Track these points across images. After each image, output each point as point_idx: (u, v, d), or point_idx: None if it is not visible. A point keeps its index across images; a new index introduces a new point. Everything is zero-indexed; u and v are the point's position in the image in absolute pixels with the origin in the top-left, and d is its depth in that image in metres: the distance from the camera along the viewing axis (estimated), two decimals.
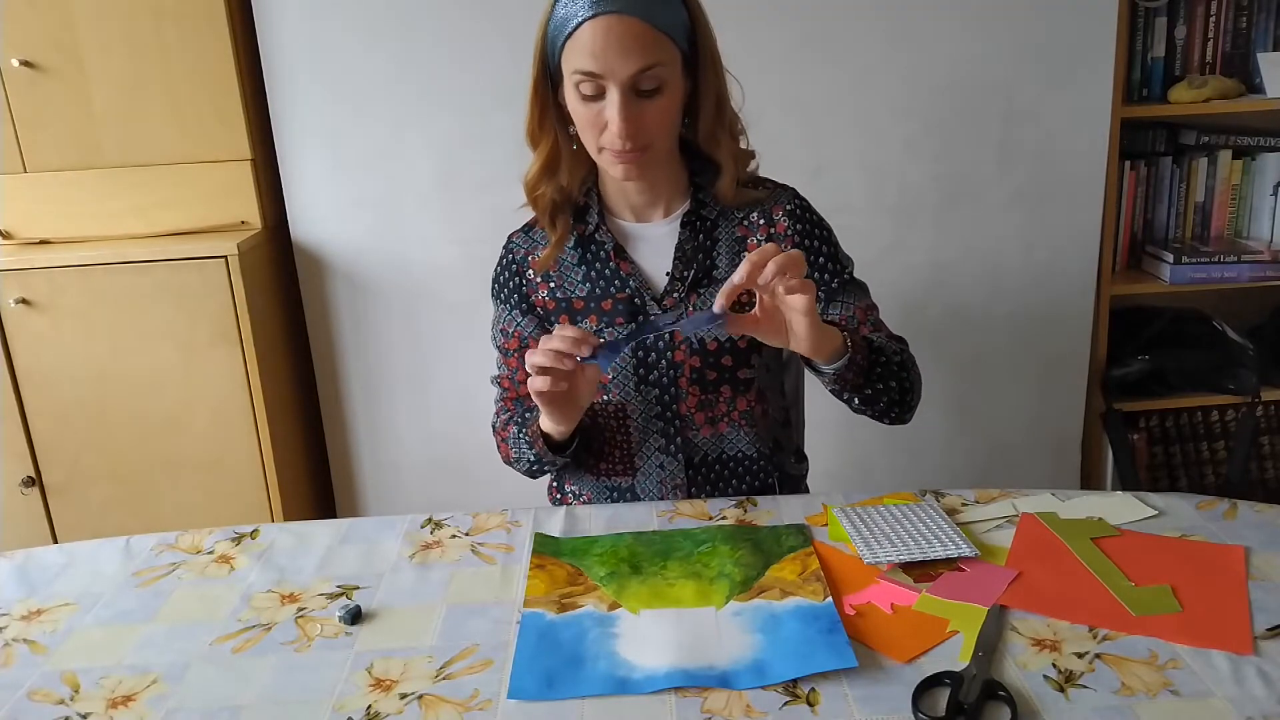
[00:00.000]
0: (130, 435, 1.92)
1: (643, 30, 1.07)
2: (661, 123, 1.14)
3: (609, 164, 1.16)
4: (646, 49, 1.08)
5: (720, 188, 1.23)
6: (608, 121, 1.10)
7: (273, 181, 1.97)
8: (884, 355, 1.17)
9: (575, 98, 1.12)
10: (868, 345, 1.16)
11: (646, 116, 1.11)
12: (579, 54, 1.08)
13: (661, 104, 1.12)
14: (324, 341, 2.05)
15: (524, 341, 1.30)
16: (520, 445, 1.26)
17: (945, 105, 1.94)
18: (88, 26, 1.82)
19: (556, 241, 1.25)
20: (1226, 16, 2.07)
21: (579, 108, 1.13)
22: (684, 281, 1.23)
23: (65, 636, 0.98)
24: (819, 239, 1.26)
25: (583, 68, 1.08)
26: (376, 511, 2.15)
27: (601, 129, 1.12)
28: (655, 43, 1.08)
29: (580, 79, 1.09)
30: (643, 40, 1.07)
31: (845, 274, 1.28)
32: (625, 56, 1.07)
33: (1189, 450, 2.21)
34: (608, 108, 1.10)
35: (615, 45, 1.07)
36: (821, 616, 0.92)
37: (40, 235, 1.94)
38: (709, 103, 1.18)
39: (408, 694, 0.86)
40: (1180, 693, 0.81)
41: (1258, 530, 1.06)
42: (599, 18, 1.06)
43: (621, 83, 1.08)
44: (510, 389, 1.34)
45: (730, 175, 1.22)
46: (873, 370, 1.16)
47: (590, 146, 1.16)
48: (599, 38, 1.07)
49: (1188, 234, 2.19)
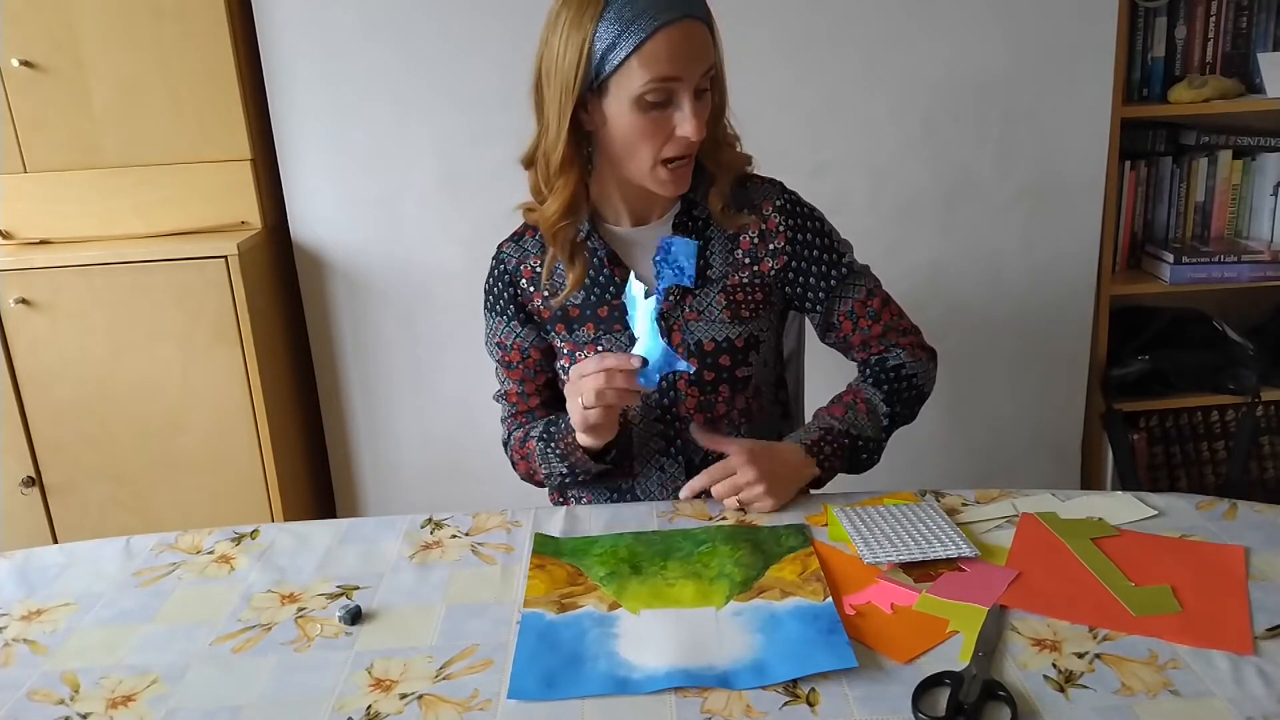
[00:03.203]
0: (130, 435, 1.92)
1: (703, 29, 1.11)
2: (710, 123, 1.17)
3: (662, 181, 1.16)
4: (709, 48, 1.12)
5: (710, 202, 1.23)
6: (676, 126, 1.11)
7: (273, 181, 1.97)
8: (857, 431, 1.23)
9: (631, 111, 1.10)
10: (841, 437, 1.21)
11: (705, 116, 1.14)
12: (654, 62, 1.08)
13: (710, 103, 1.15)
14: (324, 341, 2.05)
15: (525, 353, 1.30)
16: (550, 460, 1.25)
17: (945, 105, 1.94)
18: (88, 26, 1.82)
19: (576, 280, 1.23)
20: (1226, 16, 2.07)
21: (636, 120, 1.11)
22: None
23: (65, 636, 0.98)
24: (812, 231, 1.25)
25: (661, 74, 1.08)
26: (376, 512, 2.15)
27: (666, 138, 1.12)
28: (711, 41, 1.13)
29: (651, 89, 1.09)
30: (706, 39, 1.12)
31: (844, 264, 1.26)
32: (699, 59, 1.10)
33: (1189, 450, 2.21)
34: (677, 111, 1.11)
35: (692, 48, 1.09)
36: (821, 616, 0.92)
37: (40, 235, 1.94)
38: (717, 110, 1.19)
39: (408, 694, 0.86)
40: (1180, 693, 0.81)
41: (1258, 530, 1.06)
42: (676, 24, 1.07)
43: (694, 85, 1.11)
44: (519, 402, 1.33)
45: (720, 188, 1.22)
46: (855, 443, 1.22)
47: (644, 160, 1.14)
48: (677, 43, 1.08)
49: (1188, 234, 2.19)
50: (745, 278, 1.24)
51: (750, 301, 1.24)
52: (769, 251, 1.24)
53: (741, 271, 1.24)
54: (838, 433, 1.20)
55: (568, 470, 1.24)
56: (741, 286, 1.24)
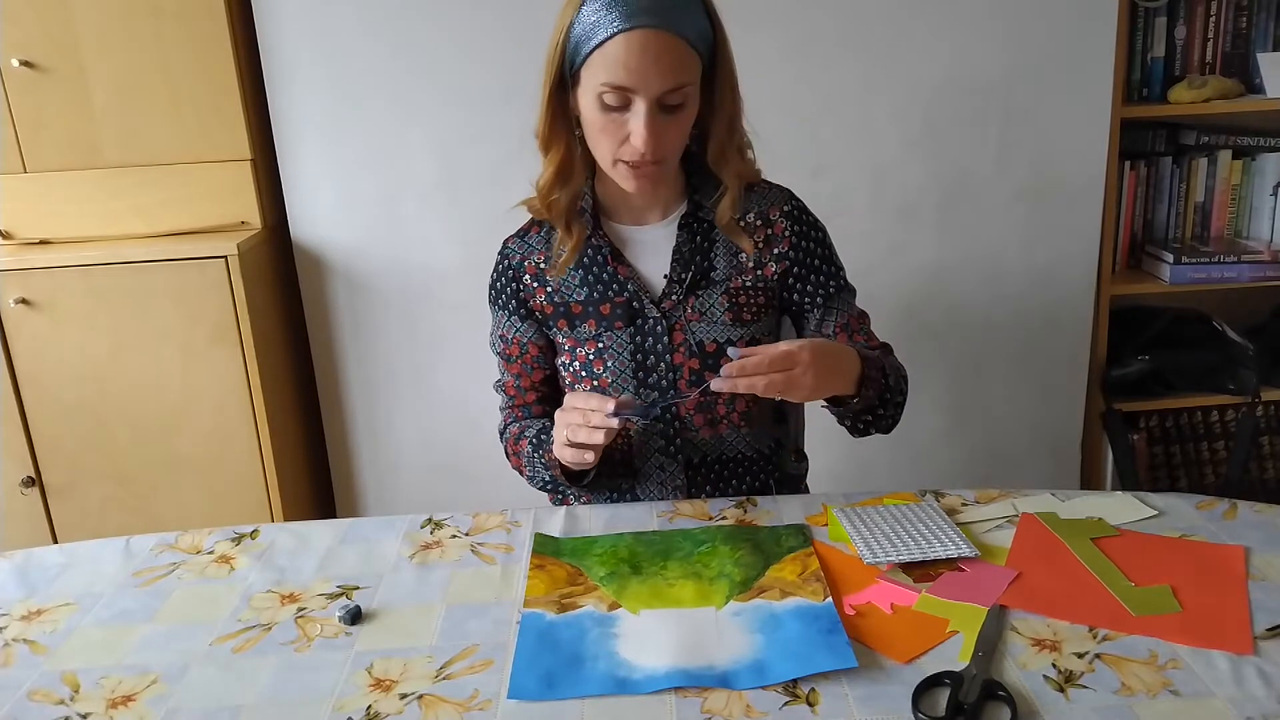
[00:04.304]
0: (130, 435, 1.92)
1: (676, 45, 1.06)
2: (679, 138, 1.15)
3: (622, 177, 1.15)
4: (678, 66, 1.07)
5: (720, 210, 1.22)
6: (630, 135, 1.09)
7: (273, 181, 1.97)
8: (887, 372, 1.19)
9: (594, 106, 1.10)
10: (879, 366, 1.16)
11: (668, 132, 1.11)
12: (610, 66, 1.06)
13: (682, 120, 1.12)
14: (324, 341, 2.05)
15: (524, 348, 1.30)
16: (536, 465, 1.26)
17: (945, 105, 1.94)
18: (88, 26, 1.82)
19: (574, 247, 1.23)
20: (1226, 16, 2.07)
21: (597, 116, 1.11)
22: (682, 284, 1.23)
23: (65, 636, 0.98)
24: (815, 241, 1.26)
25: (614, 81, 1.06)
26: (376, 511, 2.15)
27: (621, 141, 1.11)
28: (685, 59, 1.08)
29: (606, 90, 1.07)
30: (675, 56, 1.06)
31: (841, 278, 1.28)
32: (659, 73, 1.06)
33: (1189, 450, 2.21)
34: (632, 120, 1.08)
35: (650, 60, 1.05)
36: (821, 617, 0.92)
37: (40, 235, 1.94)
38: (722, 123, 1.17)
39: (408, 694, 0.86)
40: (1180, 693, 0.81)
41: (1258, 530, 1.06)
42: (635, 31, 1.04)
43: (651, 98, 1.07)
44: (516, 395, 1.34)
45: (732, 197, 1.21)
46: (884, 393, 1.18)
47: (604, 156, 1.15)
48: (635, 52, 1.05)
49: (1188, 234, 2.19)
50: (749, 281, 1.24)
51: (752, 304, 1.24)
52: (773, 256, 1.25)
53: (745, 275, 1.24)
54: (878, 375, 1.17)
55: (551, 479, 1.25)
56: (744, 289, 1.24)
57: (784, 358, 1.03)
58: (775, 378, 1.02)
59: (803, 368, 1.03)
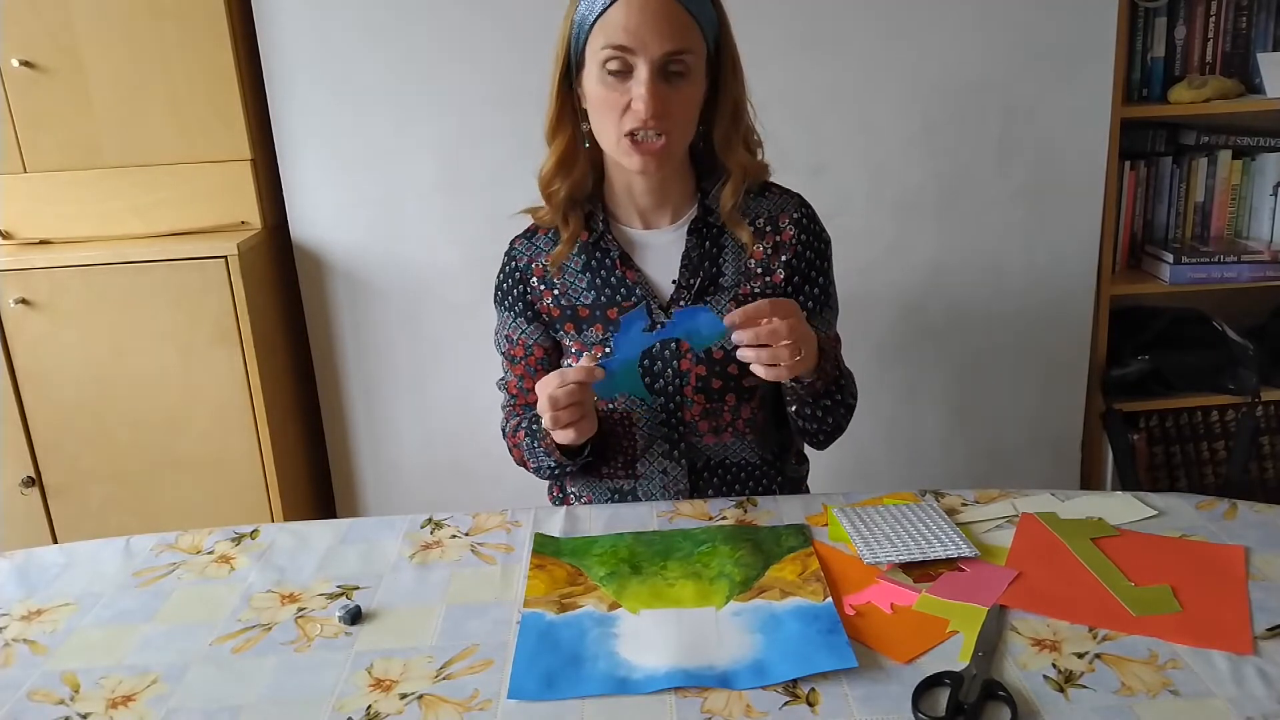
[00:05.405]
0: (130, 435, 1.92)
1: (677, 11, 1.09)
2: (684, 112, 1.14)
3: (626, 153, 1.14)
4: (679, 32, 1.09)
5: (722, 197, 1.22)
6: (633, 100, 1.10)
7: (273, 181, 1.97)
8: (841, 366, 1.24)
9: (599, 80, 1.11)
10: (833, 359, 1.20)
11: (672, 101, 1.11)
12: (610, 30, 1.08)
13: (686, 92, 1.13)
14: (324, 341, 2.05)
15: (529, 350, 1.30)
16: (537, 454, 1.26)
17: (945, 105, 1.94)
18: (88, 26, 1.82)
19: (569, 239, 1.24)
20: (1226, 16, 2.07)
21: (601, 91, 1.12)
22: (690, 289, 1.22)
23: (65, 636, 0.98)
24: (816, 253, 1.27)
25: (614, 41, 1.08)
26: (376, 511, 2.15)
27: (624, 110, 1.11)
28: (687, 28, 1.10)
29: (610, 55, 1.09)
30: (677, 21, 1.09)
31: (829, 296, 1.29)
32: (659, 34, 1.08)
33: (1189, 450, 2.21)
34: (635, 84, 1.10)
35: (650, 21, 1.07)
36: (821, 617, 0.92)
37: (40, 235, 1.94)
38: (726, 107, 1.18)
39: (408, 694, 0.86)
40: (1180, 693, 0.81)
41: (1258, 530, 1.06)
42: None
43: (652, 60, 1.08)
44: (519, 395, 1.34)
45: (734, 186, 1.21)
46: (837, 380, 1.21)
47: (609, 135, 1.14)
48: (634, 12, 1.07)
49: (1188, 234, 2.19)
50: (757, 287, 1.24)
51: None
52: (781, 263, 1.25)
53: (753, 281, 1.24)
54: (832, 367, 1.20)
55: (554, 464, 1.25)
56: (753, 296, 1.23)
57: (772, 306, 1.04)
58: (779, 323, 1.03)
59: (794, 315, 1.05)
